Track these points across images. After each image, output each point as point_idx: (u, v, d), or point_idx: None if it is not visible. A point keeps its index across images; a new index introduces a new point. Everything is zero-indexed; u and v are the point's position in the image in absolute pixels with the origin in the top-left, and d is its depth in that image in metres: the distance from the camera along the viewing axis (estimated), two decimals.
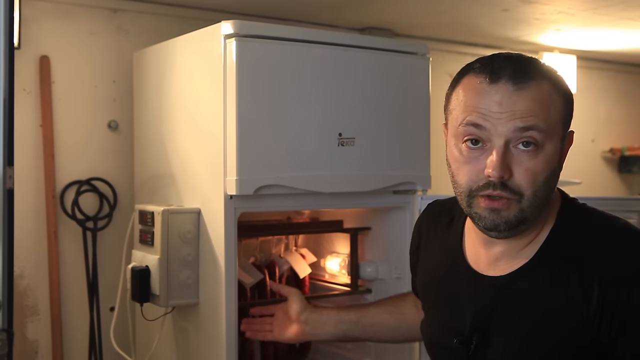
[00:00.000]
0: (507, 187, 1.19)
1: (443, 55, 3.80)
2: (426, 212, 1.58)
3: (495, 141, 1.19)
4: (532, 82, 1.21)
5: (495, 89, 1.20)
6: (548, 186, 1.24)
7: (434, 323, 1.42)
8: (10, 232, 1.61)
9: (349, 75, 2.38)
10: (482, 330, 1.28)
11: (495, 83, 1.20)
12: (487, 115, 1.20)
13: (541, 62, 1.28)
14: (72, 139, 2.83)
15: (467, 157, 1.23)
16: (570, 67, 4.27)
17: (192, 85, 2.41)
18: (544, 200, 1.24)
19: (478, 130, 1.21)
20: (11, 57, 1.61)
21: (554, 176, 1.25)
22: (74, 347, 2.83)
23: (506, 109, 1.19)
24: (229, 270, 2.22)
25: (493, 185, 1.19)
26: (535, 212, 1.23)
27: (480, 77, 1.23)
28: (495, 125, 1.19)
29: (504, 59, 1.24)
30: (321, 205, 2.57)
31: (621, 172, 4.92)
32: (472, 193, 1.23)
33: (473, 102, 1.22)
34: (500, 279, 1.28)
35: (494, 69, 1.22)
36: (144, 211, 2.42)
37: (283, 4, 3.07)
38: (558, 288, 1.21)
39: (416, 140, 2.53)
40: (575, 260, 1.21)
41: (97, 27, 2.89)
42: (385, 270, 2.66)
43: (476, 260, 1.34)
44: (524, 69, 1.22)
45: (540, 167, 1.20)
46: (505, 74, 1.21)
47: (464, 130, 1.23)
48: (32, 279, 2.75)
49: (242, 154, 2.17)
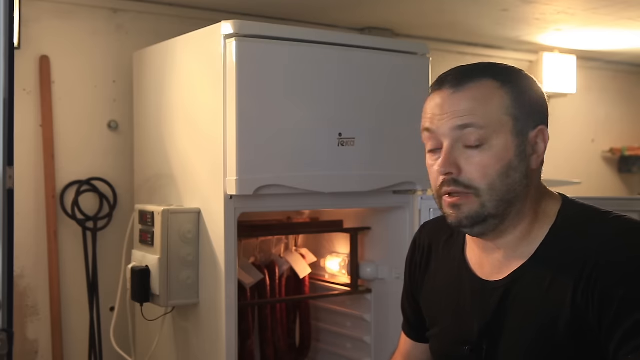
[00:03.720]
0: (459, 183, 1.27)
1: (443, 55, 3.80)
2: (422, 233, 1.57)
3: (443, 141, 1.30)
4: (471, 82, 1.29)
5: (439, 94, 1.32)
6: (507, 179, 1.26)
7: (445, 337, 1.42)
8: (10, 232, 1.61)
9: (349, 75, 2.38)
10: (491, 335, 1.30)
11: (440, 89, 1.32)
12: (433, 118, 1.32)
13: (494, 64, 1.36)
14: (72, 139, 2.83)
15: (431, 163, 1.34)
16: (570, 67, 4.27)
17: (192, 85, 2.41)
18: (507, 194, 1.26)
19: (430, 135, 1.33)
20: (11, 57, 1.61)
21: (511, 169, 1.27)
22: (74, 347, 2.83)
23: (446, 110, 1.29)
24: (229, 270, 2.22)
25: (447, 182, 1.28)
26: (500, 206, 1.26)
27: (432, 88, 1.36)
28: (439, 126, 1.30)
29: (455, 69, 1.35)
30: (321, 205, 2.57)
31: (621, 172, 4.92)
32: (438, 194, 1.32)
33: (425, 110, 1.36)
34: (502, 281, 1.30)
35: (441, 78, 1.34)
36: (144, 211, 2.42)
37: (283, 4, 3.07)
38: (559, 284, 1.22)
39: (416, 140, 2.49)
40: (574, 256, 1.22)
41: (98, 27, 2.89)
42: (385, 270, 2.67)
43: (481, 268, 1.35)
44: (465, 73, 1.32)
45: (488, 161, 1.26)
46: (447, 80, 1.32)
47: (423, 137, 1.36)
48: (32, 279, 2.75)
49: (242, 154, 2.17)
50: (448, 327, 1.41)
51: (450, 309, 1.40)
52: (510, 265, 1.30)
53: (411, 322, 1.57)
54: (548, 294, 1.23)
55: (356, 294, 2.73)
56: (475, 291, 1.34)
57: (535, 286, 1.25)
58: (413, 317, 1.56)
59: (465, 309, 1.35)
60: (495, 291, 1.30)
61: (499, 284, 1.30)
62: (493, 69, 1.32)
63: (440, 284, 1.45)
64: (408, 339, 1.59)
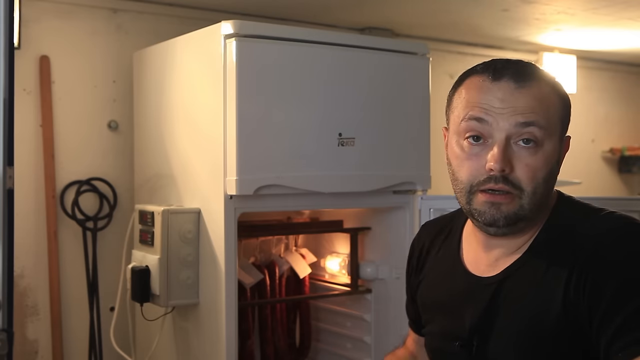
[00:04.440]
0: (508, 181, 1.22)
1: (443, 55, 3.80)
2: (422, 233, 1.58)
3: (497, 136, 1.23)
4: (533, 82, 1.25)
5: (497, 86, 1.25)
6: (547, 185, 1.26)
7: (437, 333, 1.43)
8: (10, 232, 1.61)
9: (349, 75, 2.38)
10: (482, 331, 1.29)
11: (498, 81, 1.25)
12: (489, 110, 1.24)
13: (540, 67, 1.33)
14: (72, 139, 2.83)
15: (469, 153, 1.26)
16: (570, 67, 4.27)
17: (192, 85, 2.41)
18: (543, 199, 1.26)
19: (480, 125, 1.24)
20: (11, 57, 1.61)
21: (552, 175, 1.28)
22: (74, 347, 2.83)
23: (508, 104, 1.23)
24: (229, 270, 2.22)
25: (495, 179, 1.22)
26: (534, 210, 1.25)
27: (483, 76, 1.27)
28: (497, 120, 1.23)
29: (505, 61, 1.30)
30: (321, 205, 2.57)
31: (621, 172, 4.92)
32: (472, 189, 1.25)
33: (475, 99, 1.26)
34: (495, 277, 1.30)
35: (497, 69, 1.27)
36: (144, 211, 2.42)
37: (283, 4, 3.07)
38: (551, 280, 1.22)
39: (416, 140, 2.53)
40: (566, 251, 1.23)
41: (97, 27, 2.89)
42: (385, 270, 2.67)
43: (476, 264, 1.35)
44: (525, 70, 1.27)
45: (539, 163, 1.24)
46: (507, 73, 1.25)
47: (466, 126, 1.26)
48: (32, 279, 2.75)
49: (242, 154, 2.17)
50: (440, 324, 1.41)
51: (443, 306, 1.40)
52: (505, 261, 1.30)
53: (415, 321, 1.58)
54: (540, 289, 1.24)
55: (356, 294, 2.73)
56: (467, 288, 1.34)
57: (527, 282, 1.26)
58: (415, 316, 1.56)
59: (458, 306, 1.35)
60: (488, 287, 1.30)
61: (491, 280, 1.30)
62: (544, 72, 1.30)
63: (434, 282, 1.45)
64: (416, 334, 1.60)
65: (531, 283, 1.25)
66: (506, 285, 1.28)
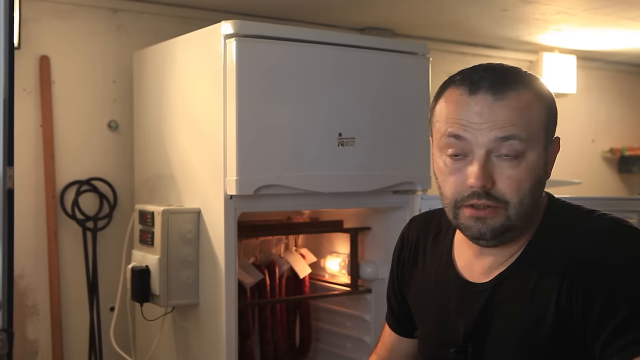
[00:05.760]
0: (491, 196, 1.21)
1: (443, 55, 3.80)
2: (410, 228, 1.55)
3: (477, 152, 1.21)
4: (512, 91, 1.22)
5: (475, 100, 1.22)
6: (534, 194, 1.24)
7: (430, 338, 1.42)
8: (10, 232, 1.61)
9: (349, 75, 2.38)
10: (477, 337, 1.29)
11: (475, 94, 1.22)
12: (468, 126, 1.22)
13: (523, 70, 1.29)
14: (72, 139, 2.83)
15: (451, 169, 1.25)
16: (570, 67, 4.27)
17: (192, 85, 2.41)
18: (531, 208, 1.25)
19: (459, 142, 1.23)
20: (11, 57, 1.61)
21: (539, 184, 1.26)
22: (74, 347, 2.83)
23: (486, 119, 1.21)
24: (229, 270, 2.22)
25: (477, 194, 1.21)
26: (522, 220, 1.24)
27: (461, 89, 1.25)
28: (476, 135, 1.21)
29: (484, 69, 1.26)
30: (321, 205, 2.57)
31: (621, 172, 4.92)
32: (457, 204, 1.25)
33: (454, 114, 1.24)
34: (488, 283, 1.29)
35: (474, 81, 1.24)
36: (144, 211, 2.42)
37: (283, 4, 3.07)
38: (544, 285, 1.22)
39: (416, 140, 2.53)
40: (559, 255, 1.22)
41: (97, 27, 2.89)
42: (385, 270, 2.64)
43: (469, 270, 1.35)
44: (503, 79, 1.24)
45: (523, 175, 1.22)
46: (484, 85, 1.22)
47: (446, 142, 1.25)
48: (32, 279, 2.75)
49: (242, 154, 2.17)
50: (434, 329, 1.41)
51: (436, 311, 1.39)
52: (498, 267, 1.30)
53: (397, 317, 1.56)
54: (533, 295, 1.23)
55: (356, 294, 2.73)
56: (461, 294, 1.33)
57: (520, 288, 1.25)
58: (399, 311, 1.54)
59: (451, 312, 1.35)
60: (481, 294, 1.30)
61: (485, 286, 1.30)
62: (525, 77, 1.26)
63: (426, 283, 1.44)
64: (393, 332, 1.58)
65: (525, 289, 1.24)
66: (500, 291, 1.28)
